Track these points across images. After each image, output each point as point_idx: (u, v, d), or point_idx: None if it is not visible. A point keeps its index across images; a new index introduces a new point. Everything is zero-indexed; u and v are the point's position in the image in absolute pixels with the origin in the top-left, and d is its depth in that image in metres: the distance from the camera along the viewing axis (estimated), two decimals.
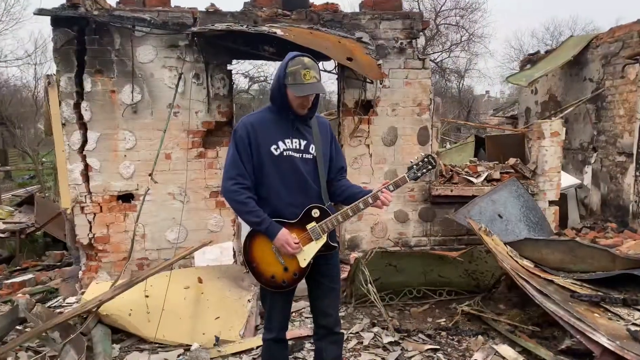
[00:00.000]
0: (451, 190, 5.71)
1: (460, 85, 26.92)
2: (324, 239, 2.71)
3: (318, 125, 2.81)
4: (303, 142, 2.72)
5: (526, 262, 4.67)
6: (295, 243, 2.63)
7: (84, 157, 5.25)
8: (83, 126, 5.23)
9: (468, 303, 4.60)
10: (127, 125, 5.31)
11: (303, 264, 2.69)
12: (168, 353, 3.87)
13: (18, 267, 7.15)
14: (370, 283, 4.24)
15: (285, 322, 2.91)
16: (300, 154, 2.71)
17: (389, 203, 2.72)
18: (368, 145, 5.74)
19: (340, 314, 4.85)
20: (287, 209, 2.69)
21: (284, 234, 2.61)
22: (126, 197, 5.39)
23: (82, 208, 5.29)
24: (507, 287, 5.02)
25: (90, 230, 5.33)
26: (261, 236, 2.66)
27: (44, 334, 3.82)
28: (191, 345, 3.98)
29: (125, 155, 5.33)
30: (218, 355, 3.87)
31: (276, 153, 2.66)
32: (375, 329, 4.28)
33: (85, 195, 5.28)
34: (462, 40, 22.26)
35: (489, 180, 5.88)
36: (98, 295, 3.87)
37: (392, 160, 5.78)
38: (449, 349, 3.95)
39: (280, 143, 2.67)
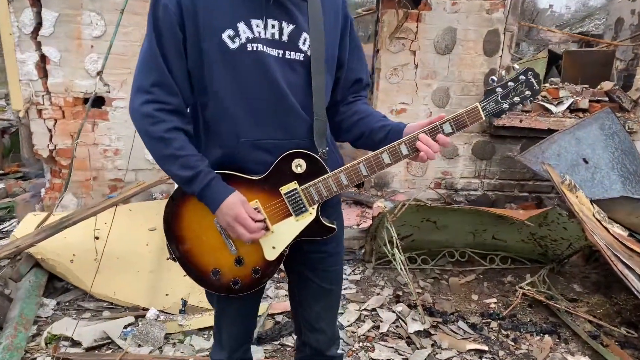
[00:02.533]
0: (520, 121, 4.27)
1: None
2: (312, 214, 1.47)
3: None
4: (288, 28, 1.41)
5: (617, 229, 3.34)
6: (256, 221, 1.40)
7: (38, 45, 4.01)
8: (36, 2, 3.94)
9: (530, 280, 3.36)
10: (94, 4, 3.99)
11: (270, 256, 1.48)
12: (112, 322, 2.85)
13: (0, 172, 6.30)
14: (397, 248, 3.03)
15: (244, 338, 1.74)
16: (281, 51, 1.40)
17: (434, 155, 1.43)
18: (414, 52, 4.27)
19: (355, 277, 3.74)
20: (252, 154, 1.43)
21: (232, 206, 1.38)
22: (95, 101, 4.19)
23: (39, 111, 4.15)
24: (584, 258, 3.74)
25: (51, 140, 4.22)
26: (195, 201, 1.44)
27: None
28: (148, 310, 2.96)
29: (92, 46, 4.07)
30: (178, 331, 2.83)
31: (233, 46, 1.36)
32: (399, 307, 3.13)
33: (43, 95, 4.12)
34: None
35: (572, 109, 4.38)
36: (17, 239, 2.81)
37: (445, 74, 4.31)
38: (500, 352, 2.78)
39: (241, 27, 1.36)
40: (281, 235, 1.47)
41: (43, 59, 4.05)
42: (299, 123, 1.45)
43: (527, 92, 1.44)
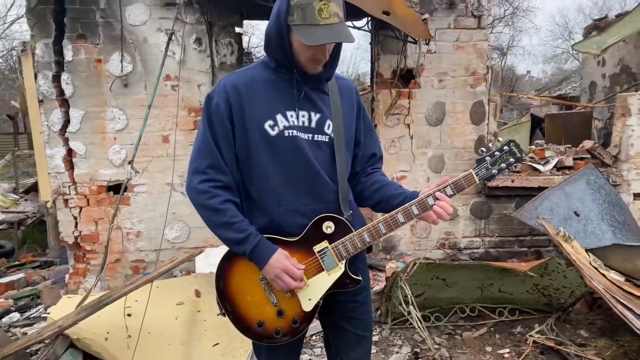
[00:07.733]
0: (512, 181, 4.61)
1: (503, 64, 25.43)
2: (341, 269, 1.74)
3: (339, 91, 1.83)
4: (315, 117, 1.75)
5: (613, 275, 3.57)
6: (298, 269, 1.68)
7: (66, 141, 4.40)
8: (64, 103, 4.37)
9: (539, 329, 3.55)
10: (117, 101, 4.42)
11: (307, 307, 1.74)
12: None
13: (17, 263, 6.48)
14: (413, 304, 3.24)
15: None
16: (310, 135, 1.74)
17: (448, 216, 1.74)
18: (408, 125, 4.69)
19: (373, 339, 3.90)
20: (292, 218, 1.74)
21: (279, 259, 1.67)
22: (118, 188, 4.53)
23: (65, 201, 4.46)
24: (588, 305, 3.94)
25: (76, 227, 4.50)
26: (243, 261, 1.72)
27: None
28: None
29: (115, 138, 4.45)
30: None
31: (273, 133, 1.70)
32: None
33: (69, 186, 4.45)
34: (506, 14, 20.78)
35: (558, 168, 4.75)
36: (58, 320, 3.01)
37: (438, 143, 4.71)
38: None
39: (279, 117, 1.70)
40: (316, 288, 1.73)
41: (70, 152, 4.42)
42: (327, 191, 1.76)
43: (511, 159, 1.77)
